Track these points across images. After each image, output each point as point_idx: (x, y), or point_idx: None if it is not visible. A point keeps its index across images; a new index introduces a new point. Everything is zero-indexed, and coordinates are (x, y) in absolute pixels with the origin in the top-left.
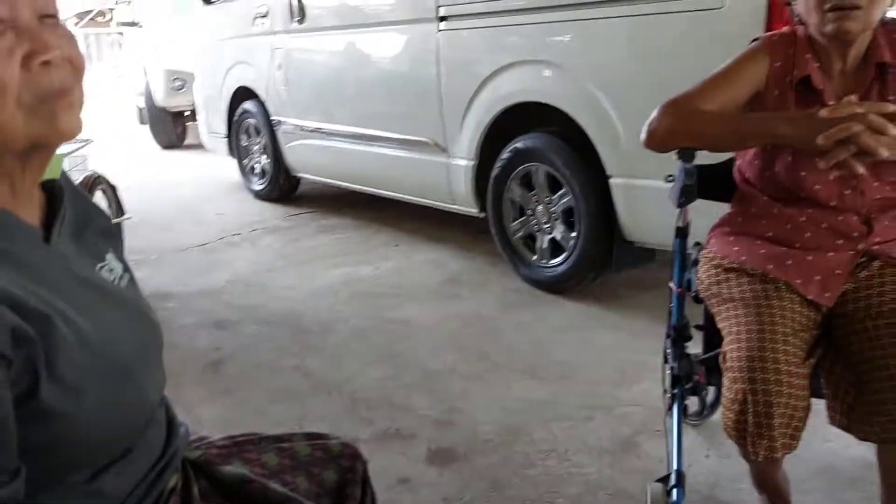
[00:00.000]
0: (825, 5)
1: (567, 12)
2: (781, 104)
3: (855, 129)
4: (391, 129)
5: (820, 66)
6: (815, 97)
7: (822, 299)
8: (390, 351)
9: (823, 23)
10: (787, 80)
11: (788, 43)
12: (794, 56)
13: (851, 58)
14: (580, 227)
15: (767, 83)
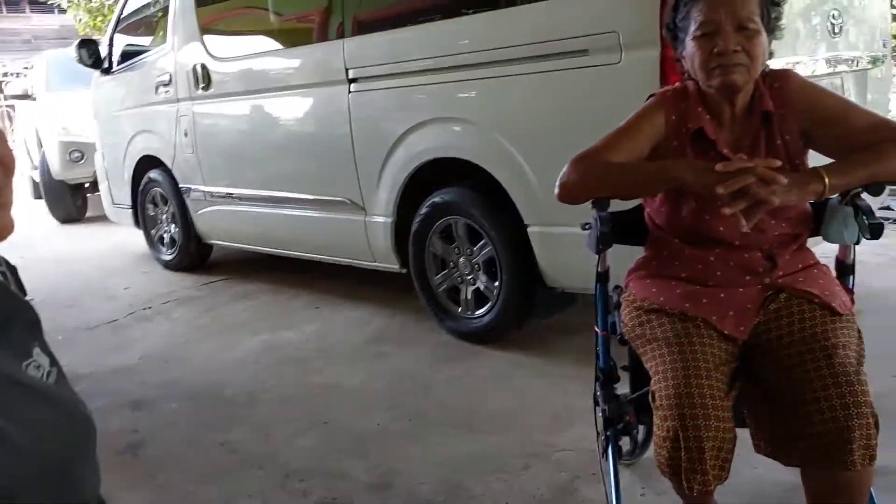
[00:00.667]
0: (711, 63)
1: (474, 71)
2: (680, 154)
3: (747, 181)
4: (306, 190)
5: (711, 117)
6: (709, 146)
7: (737, 333)
8: (320, 417)
9: (710, 77)
10: (683, 130)
11: (681, 97)
12: (687, 109)
13: (738, 108)
14: (502, 276)
15: (666, 135)
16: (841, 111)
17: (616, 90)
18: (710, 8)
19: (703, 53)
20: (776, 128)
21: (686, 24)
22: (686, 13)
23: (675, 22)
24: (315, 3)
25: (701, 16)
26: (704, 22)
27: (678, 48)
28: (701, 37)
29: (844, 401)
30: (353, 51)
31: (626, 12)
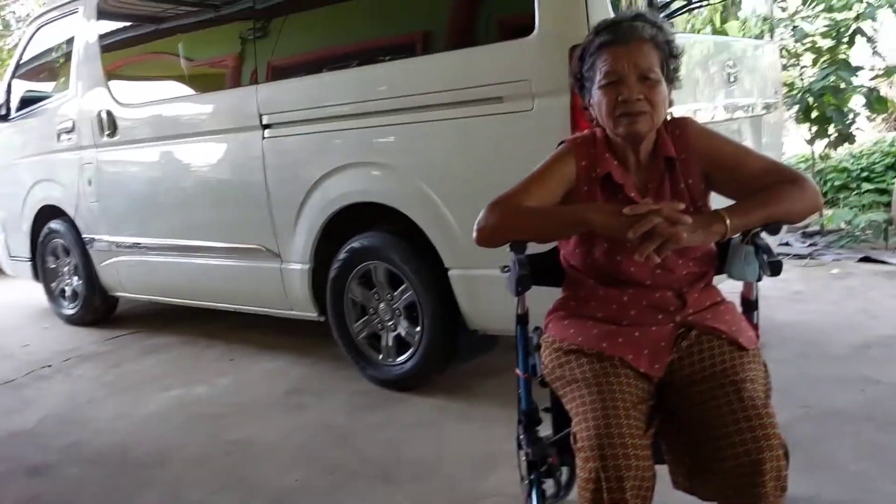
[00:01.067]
0: (616, 112)
1: (393, 117)
2: (591, 197)
3: (655, 221)
4: (218, 238)
5: (618, 163)
6: (617, 189)
7: (652, 371)
8: (235, 476)
9: (616, 126)
10: (593, 175)
11: (590, 144)
12: (596, 155)
13: (643, 154)
14: (424, 321)
15: (577, 180)
16: (737, 155)
17: (529, 136)
18: (615, 59)
19: (609, 102)
20: (679, 172)
21: (592, 74)
22: (591, 64)
23: (582, 72)
24: (228, 49)
25: (606, 66)
26: (609, 72)
27: (585, 97)
28: (606, 86)
29: (755, 434)
30: (267, 96)
31: (537, 62)
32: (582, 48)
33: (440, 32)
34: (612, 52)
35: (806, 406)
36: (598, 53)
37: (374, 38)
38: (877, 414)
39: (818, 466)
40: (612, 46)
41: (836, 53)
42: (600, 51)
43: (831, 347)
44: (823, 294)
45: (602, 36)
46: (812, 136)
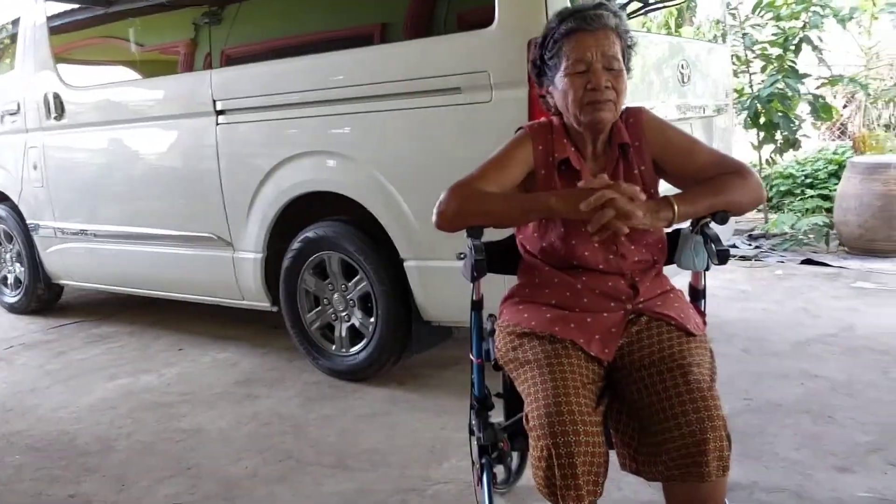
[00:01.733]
0: (585, 100)
1: (350, 106)
2: (549, 182)
3: (610, 195)
4: (168, 226)
5: (575, 149)
6: (575, 175)
7: (602, 355)
8: (184, 463)
9: (583, 113)
10: (550, 160)
11: (547, 130)
12: (553, 141)
13: (600, 141)
14: (378, 311)
15: (535, 165)
16: (687, 145)
17: (487, 127)
18: (583, 47)
19: (577, 90)
20: (633, 159)
21: (556, 61)
22: (556, 51)
23: (544, 59)
24: (182, 32)
25: (574, 54)
26: (578, 60)
27: (543, 84)
28: (574, 74)
29: (699, 415)
30: (221, 82)
31: (496, 53)
32: (544, 34)
33: (399, 21)
34: (579, 39)
35: (748, 398)
36: (563, 40)
37: (331, 25)
38: (814, 407)
39: (759, 455)
40: (578, 33)
41: (783, 61)
42: (567, 38)
43: (773, 344)
44: (767, 294)
45: (568, 23)
46: (759, 141)
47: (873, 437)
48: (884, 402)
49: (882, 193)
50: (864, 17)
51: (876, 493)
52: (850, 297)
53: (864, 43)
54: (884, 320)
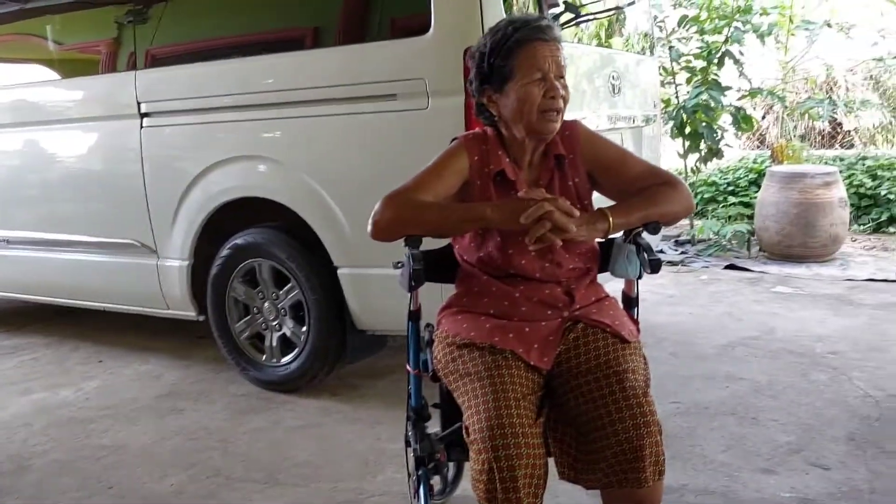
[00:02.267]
0: (543, 107)
1: (282, 110)
2: (484, 193)
3: (547, 208)
4: (89, 232)
5: (510, 160)
6: (510, 186)
7: (541, 363)
8: (104, 482)
9: (539, 122)
10: (486, 171)
11: (481, 141)
12: (488, 152)
13: (537, 153)
14: (311, 320)
15: (471, 175)
16: (620, 158)
17: (423, 135)
18: (540, 57)
19: (534, 98)
20: (568, 171)
21: (508, 70)
22: (509, 59)
23: (493, 65)
24: (103, 32)
25: (532, 63)
26: (536, 69)
27: (486, 92)
28: (532, 82)
29: (636, 421)
30: (146, 83)
31: (433, 61)
32: (495, 41)
33: (333, 26)
34: (536, 48)
35: (676, 402)
36: (519, 49)
37: (262, 28)
38: (739, 409)
39: (688, 458)
40: (535, 42)
41: (707, 74)
42: (522, 46)
43: (700, 347)
44: (693, 298)
45: (523, 31)
46: (685, 150)
47: (794, 437)
48: (803, 404)
49: (798, 201)
50: (781, 33)
51: (798, 492)
52: (770, 301)
53: (781, 58)
54: (802, 324)
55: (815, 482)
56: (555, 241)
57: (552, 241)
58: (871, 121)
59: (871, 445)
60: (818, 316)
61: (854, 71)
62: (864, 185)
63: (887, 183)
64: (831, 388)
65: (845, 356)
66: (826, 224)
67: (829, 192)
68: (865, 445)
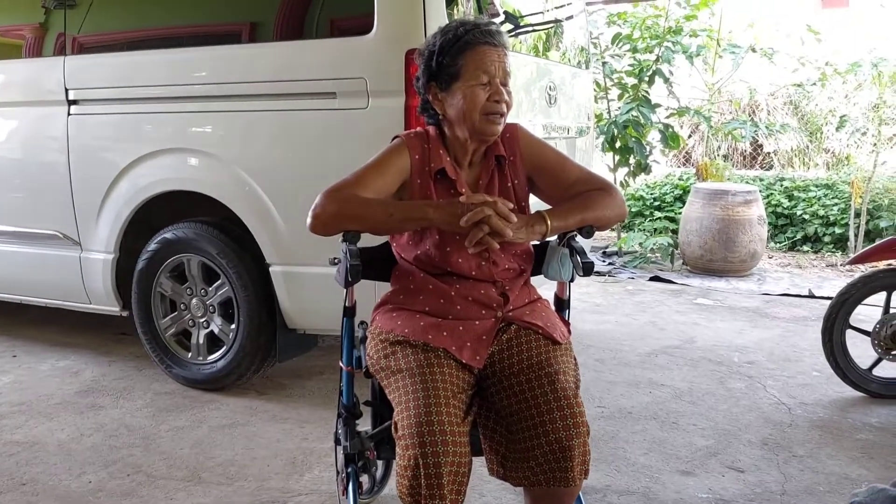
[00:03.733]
0: (485, 111)
1: (216, 103)
2: (424, 191)
3: (487, 212)
4: (6, 221)
5: (450, 159)
6: (450, 184)
7: (473, 362)
8: (18, 478)
9: (482, 124)
10: (426, 169)
11: (422, 139)
12: (430, 151)
13: (478, 153)
14: (240, 318)
15: (412, 173)
16: (560, 162)
17: (362, 134)
18: (488, 61)
19: (478, 101)
20: (508, 172)
21: (455, 70)
22: (456, 60)
23: (441, 64)
24: (30, 15)
25: (479, 66)
26: (483, 72)
27: (430, 91)
28: (478, 85)
29: (566, 422)
30: (75, 69)
31: (374, 61)
32: (444, 40)
33: (272, 21)
34: (485, 52)
35: (601, 406)
36: (468, 51)
37: (198, 19)
38: (660, 413)
39: (611, 460)
40: (485, 47)
41: (638, 90)
42: (471, 48)
43: (624, 354)
44: (619, 307)
45: (474, 34)
46: (615, 164)
47: (712, 441)
48: (720, 410)
49: (720, 218)
50: (709, 55)
51: (715, 494)
52: (692, 311)
53: (707, 79)
54: (721, 334)
55: (731, 484)
56: (491, 244)
57: (490, 244)
58: (789, 144)
59: (782, 450)
60: (736, 327)
61: (775, 95)
62: (782, 204)
63: (803, 203)
64: (747, 395)
65: (760, 366)
66: (745, 240)
67: (749, 210)
68: (778, 450)
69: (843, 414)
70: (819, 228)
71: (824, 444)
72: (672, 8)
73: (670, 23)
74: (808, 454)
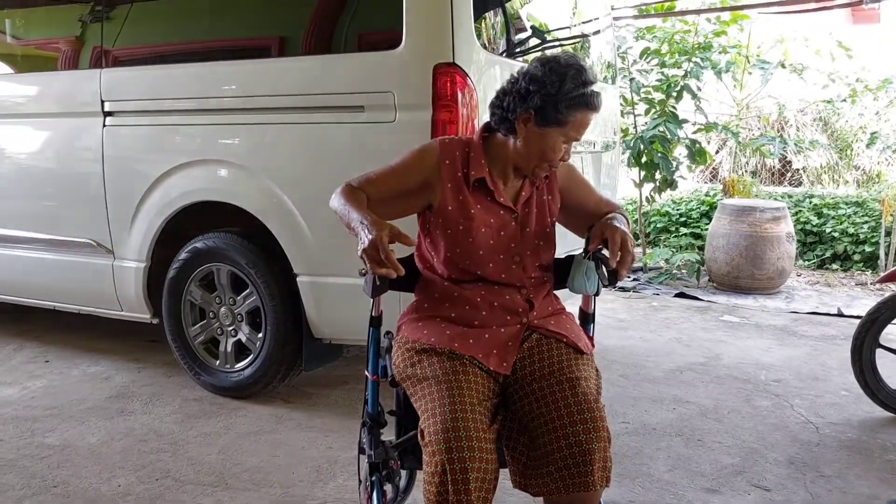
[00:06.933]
0: (549, 160)
1: (248, 116)
2: (456, 196)
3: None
4: (42, 229)
5: (490, 169)
6: (488, 194)
7: (501, 368)
8: (49, 481)
9: (539, 169)
10: (460, 175)
11: (462, 147)
12: (470, 160)
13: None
14: (267, 327)
15: (442, 177)
16: (585, 182)
17: (389, 147)
18: (584, 127)
19: (556, 154)
20: (543, 187)
21: (563, 117)
22: (568, 110)
23: (553, 106)
24: (67, 29)
25: (577, 128)
26: (577, 132)
27: (525, 116)
28: (564, 141)
29: (586, 426)
30: (112, 82)
31: (402, 75)
32: (562, 73)
33: (302, 36)
34: (586, 117)
35: (625, 422)
36: (579, 109)
37: (233, 33)
38: (685, 430)
39: (635, 476)
40: (588, 112)
41: (665, 106)
42: (583, 109)
43: (649, 371)
44: (644, 323)
45: (588, 94)
46: (641, 179)
47: (738, 459)
48: (746, 428)
49: (748, 234)
50: (738, 71)
51: None
52: (717, 329)
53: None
54: (747, 352)
55: (757, 503)
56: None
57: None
58: (818, 160)
59: (810, 469)
60: (763, 345)
61: (805, 111)
62: (811, 222)
63: (832, 221)
64: (774, 413)
65: (788, 384)
66: (773, 257)
67: (777, 227)
68: (805, 469)
69: (872, 434)
70: (848, 246)
71: (853, 464)
72: (701, 23)
73: (699, 38)
74: (837, 474)
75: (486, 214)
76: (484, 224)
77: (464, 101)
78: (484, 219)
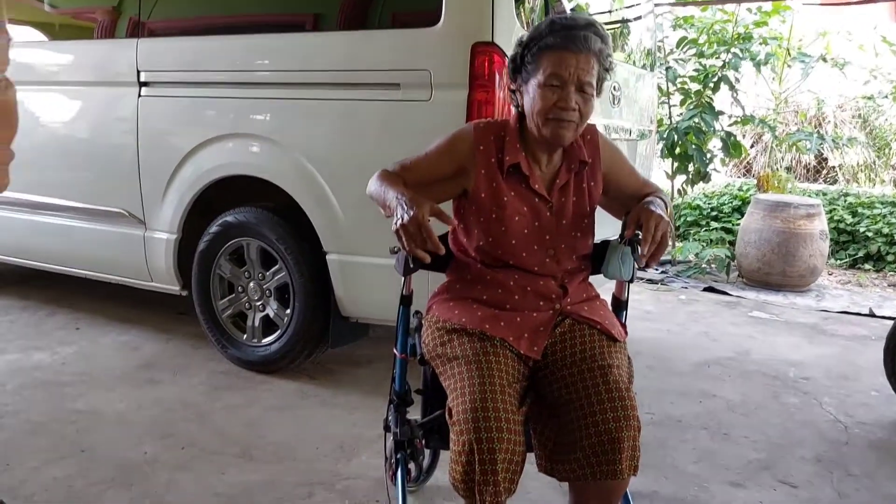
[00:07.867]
0: (549, 114)
1: (282, 90)
2: (490, 182)
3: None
4: (76, 198)
5: (526, 155)
6: (523, 179)
7: (531, 353)
8: (77, 445)
9: (543, 127)
10: (494, 161)
11: (498, 130)
12: (505, 144)
13: (556, 154)
14: (295, 303)
15: (477, 163)
16: (630, 166)
17: (424, 126)
18: (562, 65)
19: (544, 103)
20: (585, 174)
21: (534, 67)
22: (536, 58)
23: (524, 58)
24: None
25: (550, 67)
26: (552, 74)
27: (517, 80)
28: (545, 87)
29: (616, 414)
30: (148, 52)
31: (439, 53)
32: (530, 36)
33: (337, 11)
34: (561, 56)
35: (651, 413)
36: (546, 52)
37: (267, 7)
38: (711, 424)
39: (659, 466)
40: (561, 51)
41: (702, 97)
42: (549, 50)
43: (675, 363)
44: (671, 316)
45: (556, 36)
46: (673, 171)
47: (764, 454)
48: (773, 423)
49: (781, 230)
50: (777, 63)
51: None
52: (746, 324)
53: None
54: (776, 349)
55: (783, 498)
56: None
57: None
58: (856, 158)
59: (837, 467)
60: (792, 342)
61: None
62: (845, 220)
63: (867, 221)
64: (802, 410)
65: (817, 382)
66: (805, 255)
67: (811, 224)
68: (832, 467)
69: None
70: (882, 247)
71: (882, 464)
72: (742, 13)
73: (739, 29)
74: (865, 474)
75: (519, 202)
76: (517, 212)
77: (501, 83)
78: (517, 207)
